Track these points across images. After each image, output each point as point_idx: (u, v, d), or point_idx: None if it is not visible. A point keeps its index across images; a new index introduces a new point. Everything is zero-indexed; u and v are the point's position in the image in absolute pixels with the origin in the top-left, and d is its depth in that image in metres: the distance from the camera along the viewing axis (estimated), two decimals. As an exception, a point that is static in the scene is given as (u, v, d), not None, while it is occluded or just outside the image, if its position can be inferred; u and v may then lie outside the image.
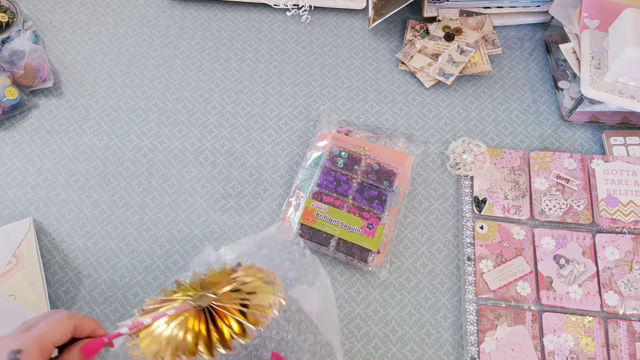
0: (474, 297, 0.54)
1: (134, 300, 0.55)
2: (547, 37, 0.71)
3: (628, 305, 0.53)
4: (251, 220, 0.60)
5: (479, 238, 0.57)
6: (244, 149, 0.64)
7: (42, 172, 0.62)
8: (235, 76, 0.69)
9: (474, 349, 0.52)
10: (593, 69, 0.58)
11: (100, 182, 0.62)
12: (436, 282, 0.56)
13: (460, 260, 0.57)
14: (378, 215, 0.56)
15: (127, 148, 0.64)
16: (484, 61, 0.67)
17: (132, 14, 0.74)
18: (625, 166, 0.60)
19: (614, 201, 0.58)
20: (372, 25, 0.70)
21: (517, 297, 0.54)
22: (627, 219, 0.57)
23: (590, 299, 0.54)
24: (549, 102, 0.67)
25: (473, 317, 0.53)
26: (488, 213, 0.58)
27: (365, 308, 0.55)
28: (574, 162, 0.61)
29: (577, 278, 0.55)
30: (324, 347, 0.47)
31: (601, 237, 0.56)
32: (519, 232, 0.57)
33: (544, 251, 0.56)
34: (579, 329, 0.52)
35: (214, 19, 0.74)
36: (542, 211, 0.58)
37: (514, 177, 0.60)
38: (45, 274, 0.55)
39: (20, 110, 0.65)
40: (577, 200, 0.58)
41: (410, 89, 0.68)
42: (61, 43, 0.72)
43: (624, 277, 0.54)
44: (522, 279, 0.55)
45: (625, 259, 0.55)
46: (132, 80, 0.69)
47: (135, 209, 0.60)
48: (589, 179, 0.60)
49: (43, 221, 0.59)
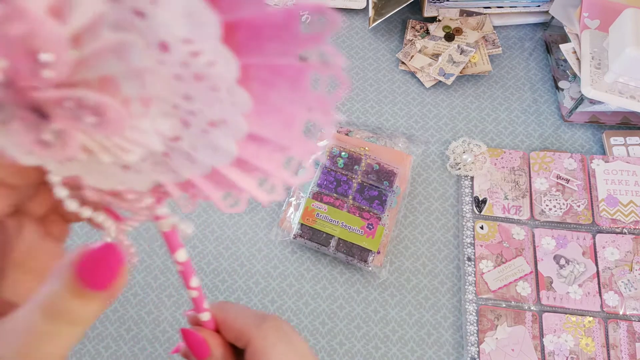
0: (474, 297, 0.54)
1: (133, 300, 0.55)
2: (547, 37, 0.71)
3: (628, 305, 0.53)
4: (251, 220, 0.60)
5: (479, 238, 0.57)
6: (244, 149, 0.64)
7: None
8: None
9: (474, 349, 0.52)
10: (593, 69, 0.58)
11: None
12: (436, 282, 0.56)
13: (461, 260, 0.57)
14: (378, 216, 0.56)
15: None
16: (484, 61, 0.67)
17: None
18: (626, 166, 0.60)
19: (614, 201, 0.58)
20: (372, 25, 0.70)
21: (517, 297, 0.54)
22: (627, 219, 0.57)
23: (590, 299, 0.54)
24: (549, 102, 0.67)
25: (473, 317, 0.53)
26: (488, 213, 0.58)
27: (365, 308, 0.55)
28: (574, 162, 0.61)
29: (577, 278, 0.55)
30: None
31: (601, 237, 0.56)
32: (519, 232, 0.57)
33: (544, 251, 0.56)
34: (579, 329, 0.52)
35: (214, 19, 0.74)
36: (542, 211, 0.58)
37: (514, 177, 0.60)
38: (45, 274, 0.55)
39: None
40: (577, 201, 0.58)
41: (410, 89, 0.68)
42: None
43: (624, 277, 0.54)
44: (522, 279, 0.55)
45: (625, 259, 0.55)
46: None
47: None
48: (589, 179, 0.60)
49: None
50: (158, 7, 0.12)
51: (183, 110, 0.15)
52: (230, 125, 0.15)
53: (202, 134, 0.15)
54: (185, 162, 0.16)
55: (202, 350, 0.25)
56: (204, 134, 0.15)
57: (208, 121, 0.15)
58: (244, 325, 0.25)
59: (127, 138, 0.15)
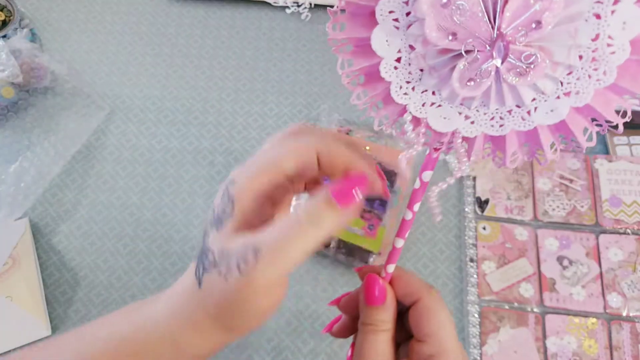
0: (476, 298, 0.54)
1: (131, 301, 0.55)
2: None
3: (631, 306, 0.53)
4: (250, 220, 0.59)
5: (482, 239, 0.56)
6: (243, 148, 0.63)
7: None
8: (234, 74, 0.68)
9: (476, 351, 0.51)
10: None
11: (97, 181, 0.61)
12: (438, 283, 0.56)
13: (463, 261, 0.56)
14: (379, 216, 0.56)
15: (124, 147, 0.63)
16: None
17: (129, 12, 0.73)
18: (629, 166, 0.59)
19: (617, 202, 0.57)
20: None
21: (520, 299, 0.53)
22: (630, 219, 0.57)
23: (593, 300, 0.53)
24: (552, 101, 0.66)
25: (475, 319, 0.53)
26: (491, 214, 0.58)
27: (366, 310, 0.54)
28: (578, 162, 0.60)
29: (580, 279, 0.54)
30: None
31: (605, 238, 0.56)
32: (522, 233, 0.56)
33: (547, 252, 0.55)
34: (582, 331, 0.52)
35: (213, 17, 0.73)
36: (545, 212, 0.57)
37: (516, 177, 0.60)
38: (41, 275, 0.55)
39: (16, 109, 0.64)
40: (581, 201, 0.58)
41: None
42: (58, 41, 0.71)
43: (627, 279, 0.54)
44: (525, 281, 0.54)
45: (628, 259, 0.55)
46: (130, 79, 0.68)
47: (133, 209, 0.59)
48: (592, 179, 0.59)
49: (39, 222, 0.58)
50: (614, 14, 0.20)
51: (564, 78, 0.22)
52: (580, 97, 0.22)
53: (554, 99, 0.23)
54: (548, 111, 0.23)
55: (380, 297, 0.30)
56: (557, 99, 0.23)
57: (569, 91, 0.22)
58: (418, 287, 0.30)
59: (535, 84, 0.22)
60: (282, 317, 0.54)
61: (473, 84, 0.21)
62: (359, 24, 0.22)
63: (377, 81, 0.23)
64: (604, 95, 0.23)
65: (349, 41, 0.23)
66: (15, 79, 0.61)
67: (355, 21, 0.22)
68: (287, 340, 0.53)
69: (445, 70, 0.22)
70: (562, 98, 0.22)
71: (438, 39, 0.20)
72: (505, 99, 0.22)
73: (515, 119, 0.23)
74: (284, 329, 0.53)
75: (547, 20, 0.20)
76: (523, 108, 0.23)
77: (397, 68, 0.22)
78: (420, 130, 0.24)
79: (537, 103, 0.23)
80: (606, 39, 0.21)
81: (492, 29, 0.20)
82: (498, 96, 0.22)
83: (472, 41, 0.21)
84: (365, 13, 0.22)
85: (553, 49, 0.21)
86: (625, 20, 0.20)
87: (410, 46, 0.22)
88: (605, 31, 0.21)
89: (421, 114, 0.24)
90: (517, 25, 0.20)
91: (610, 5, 0.20)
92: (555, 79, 0.22)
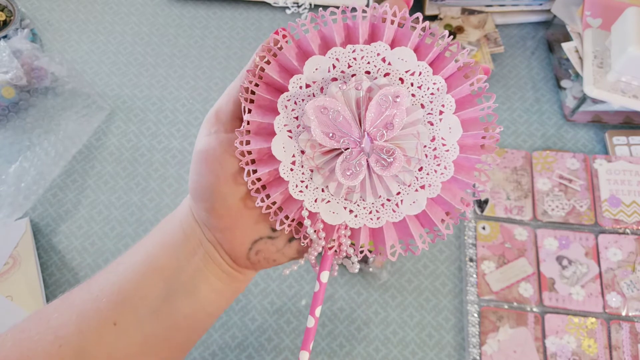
0: (476, 298, 0.54)
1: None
2: (549, 35, 0.70)
3: (631, 306, 0.53)
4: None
5: (481, 239, 0.57)
6: (243, 148, 0.63)
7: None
8: (235, 75, 0.68)
9: (475, 351, 0.51)
10: (596, 68, 0.57)
11: (97, 182, 0.61)
12: (438, 283, 0.56)
13: (462, 261, 0.56)
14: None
15: (124, 148, 0.63)
16: (486, 60, 0.67)
17: (130, 12, 0.73)
18: (628, 166, 0.59)
19: (616, 202, 0.58)
20: (373, 24, 0.69)
21: (519, 299, 0.53)
22: (629, 219, 0.57)
23: (592, 300, 0.53)
24: (552, 101, 0.66)
25: (475, 318, 0.53)
26: (490, 214, 0.58)
27: (366, 310, 0.55)
28: (577, 162, 0.60)
29: (579, 279, 0.54)
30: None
31: (604, 238, 0.56)
32: (522, 232, 0.57)
33: (546, 252, 0.56)
34: (581, 331, 0.52)
35: (213, 17, 0.73)
36: (544, 212, 0.58)
37: (516, 177, 0.60)
38: (42, 275, 0.55)
39: (17, 109, 0.64)
40: (580, 201, 0.58)
41: (411, 88, 0.67)
42: (58, 42, 0.71)
43: (626, 278, 0.54)
44: (525, 280, 0.54)
45: (628, 259, 0.55)
46: (130, 79, 0.68)
47: (133, 209, 0.60)
48: (591, 179, 0.59)
49: (40, 222, 0.59)
50: (442, 122, 0.27)
51: (417, 173, 0.27)
52: (432, 189, 0.27)
53: (414, 191, 0.28)
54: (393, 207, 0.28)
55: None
56: (415, 192, 0.28)
57: (422, 185, 0.28)
58: None
59: (391, 178, 0.27)
60: (282, 316, 0.54)
61: (350, 173, 0.26)
62: (262, 139, 0.27)
63: (279, 183, 0.28)
64: (449, 190, 0.28)
65: (254, 153, 0.27)
66: (19, 81, 0.61)
67: (258, 137, 0.28)
68: (287, 340, 0.53)
69: (329, 168, 0.27)
70: (419, 191, 0.27)
71: (322, 139, 0.26)
72: (378, 191, 0.27)
73: (388, 211, 0.28)
74: (284, 328, 0.54)
75: (397, 123, 0.25)
76: (393, 200, 0.27)
77: (292, 170, 0.27)
78: (318, 225, 0.28)
79: (403, 196, 0.27)
80: (440, 140, 0.27)
81: (359, 129, 0.26)
82: (372, 189, 0.27)
83: (346, 140, 0.26)
84: (266, 128, 0.27)
85: (405, 146, 0.26)
86: (450, 126, 0.26)
87: (301, 151, 0.27)
88: (438, 134, 0.27)
89: (314, 208, 0.28)
90: (377, 126, 0.26)
91: (438, 115, 0.27)
92: (411, 172, 0.27)
